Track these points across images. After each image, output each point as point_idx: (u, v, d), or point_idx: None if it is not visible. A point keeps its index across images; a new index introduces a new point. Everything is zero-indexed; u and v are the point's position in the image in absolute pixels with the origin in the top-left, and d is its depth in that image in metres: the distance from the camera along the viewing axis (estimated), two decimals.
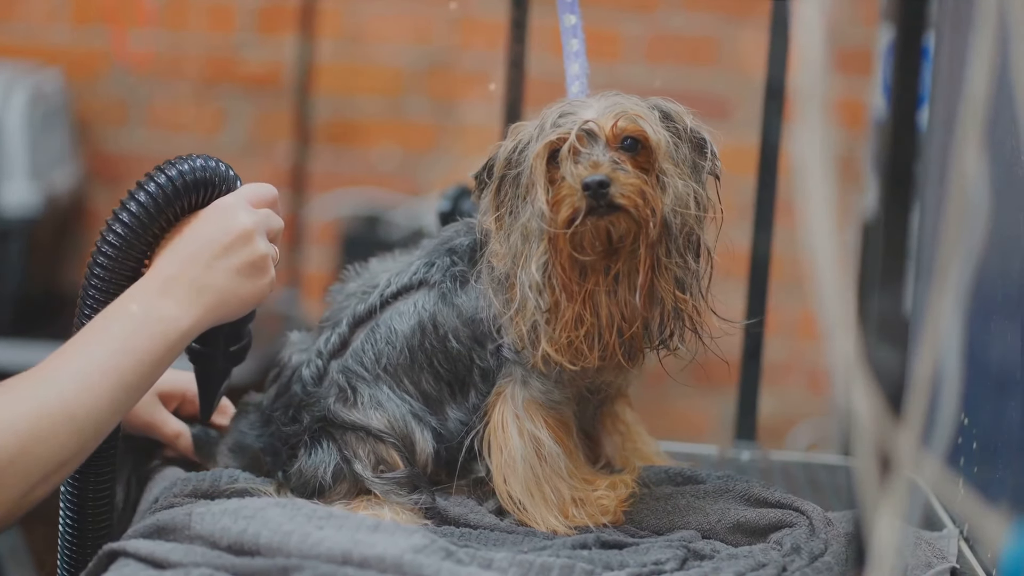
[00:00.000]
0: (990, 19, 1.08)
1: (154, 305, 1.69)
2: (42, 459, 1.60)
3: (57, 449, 1.61)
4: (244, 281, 1.75)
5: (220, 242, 1.73)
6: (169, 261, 1.72)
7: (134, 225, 1.72)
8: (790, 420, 4.60)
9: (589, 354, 1.76)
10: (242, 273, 1.75)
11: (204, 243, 1.73)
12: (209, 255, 1.73)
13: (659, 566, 1.70)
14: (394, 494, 1.85)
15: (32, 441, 1.59)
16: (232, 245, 1.74)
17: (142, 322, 1.68)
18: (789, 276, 3.98)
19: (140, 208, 1.72)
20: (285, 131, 4.87)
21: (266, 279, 1.78)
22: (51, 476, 1.62)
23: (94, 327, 1.68)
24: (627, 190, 1.71)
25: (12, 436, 1.58)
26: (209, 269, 1.72)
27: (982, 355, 1.92)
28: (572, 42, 1.91)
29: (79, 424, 1.62)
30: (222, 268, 1.73)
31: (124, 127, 4.93)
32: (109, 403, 1.65)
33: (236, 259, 1.74)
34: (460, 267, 1.88)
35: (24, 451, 1.58)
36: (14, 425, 1.58)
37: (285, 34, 4.85)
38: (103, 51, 4.87)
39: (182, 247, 1.73)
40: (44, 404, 1.61)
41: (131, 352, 1.66)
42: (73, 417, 1.61)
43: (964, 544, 1.90)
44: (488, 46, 4.67)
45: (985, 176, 1.08)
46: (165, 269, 1.72)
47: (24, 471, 1.59)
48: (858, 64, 4.27)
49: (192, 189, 1.74)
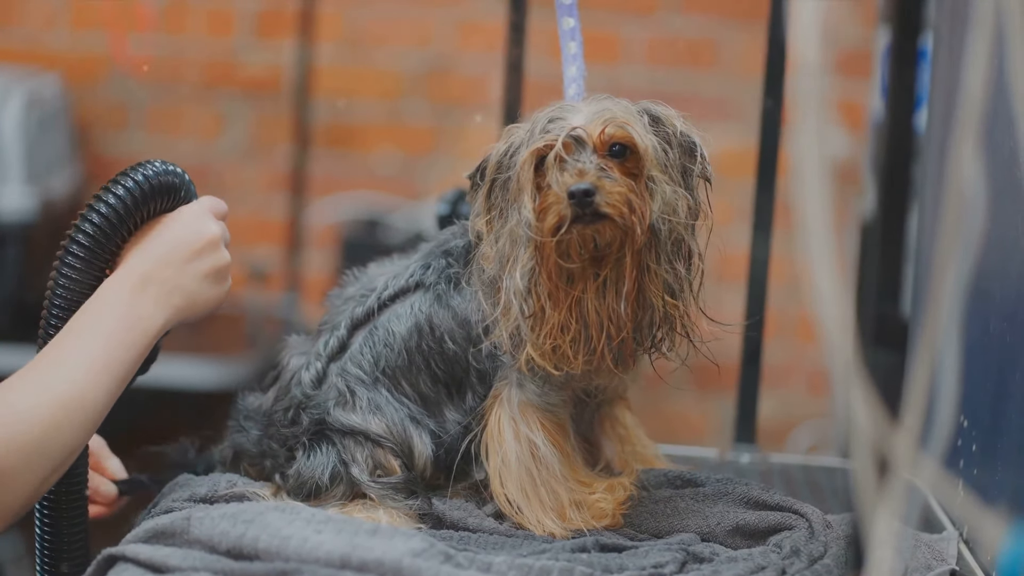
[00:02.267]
0: (987, 21, 1.08)
1: (134, 302, 1.74)
2: (61, 446, 1.65)
3: (72, 436, 1.66)
4: (210, 286, 1.82)
5: (191, 246, 1.79)
6: (142, 260, 1.77)
7: (103, 226, 1.75)
8: (789, 423, 4.60)
9: (574, 360, 1.76)
10: (209, 278, 1.81)
11: (176, 246, 1.78)
12: (181, 258, 1.78)
13: (658, 569, 1.70)
14: (390, 498, 1.85)
15: (53, 428, 1.64)
16: (202, 250, 1.80)
17: (126, 317, 1.73)
18: (788, 278, 3.98)
19: (109, 209, 1.75)
20: (284, 135, 4.87)
21: (227, 285, 1.85)
22: (65, 463, 1.68)
23: (83, 321, 1.72)
24: (613, 199, 1.71)
25: (37, 424, 1.63)
26: (180, 271, 1.78)
27: (981, 357, 1.91)
28: (570, 45, 1.90)
29: (88, 413, 1.68)
30: (192, 271, 1.79)
31: (124, 131, 4.94)
32: (106, 393, 1.70)
33: (204, 264, 1.80)
34: (455, 269, 1.88)
35: (47, 437, 1.64)
36: (37, 413, 1.63)
37: (284, 38, 4.85)
38: (102, 55, 4.87)
39: (154, 248, 1.78)
40: (60, 393, 1.66)
41: (122, 345, 1.72)
42: (84, 406, 1.67)
43: (964, 546, 1.90)
44: (487, 49, 4.67)
45: (983, 178, 1.08)
46: (139, 267, 1.76)
47: (48, 457, 1.64)
48: (856, 66, 4.27)
49: (158, 194, 1.78)
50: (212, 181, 4.91)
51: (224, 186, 4.90)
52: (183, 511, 1.72)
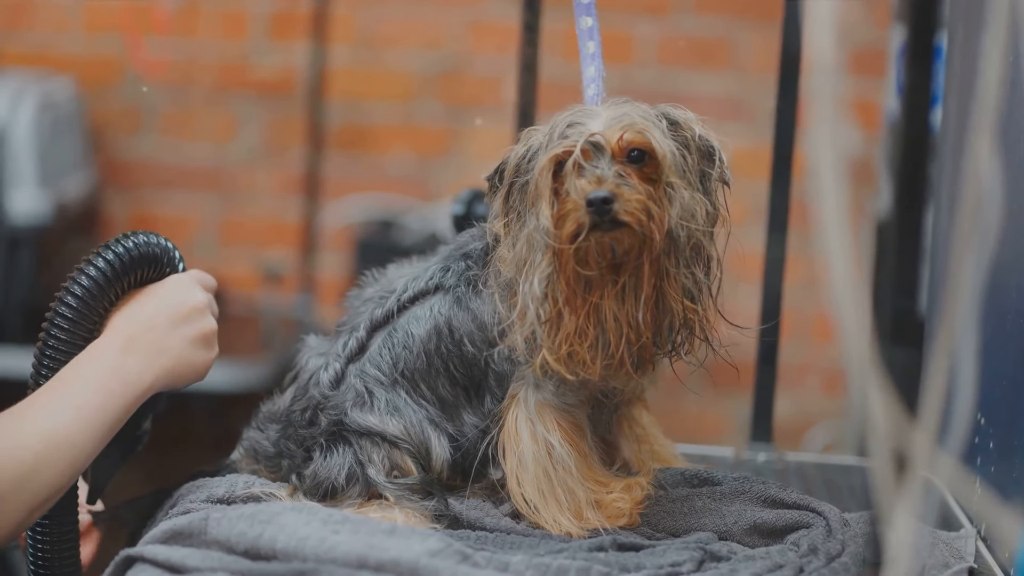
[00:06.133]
0: (1002, 19, 1.08)
1: (122, 359, 1.77)
2: (48, 481, 1.68)
3: (58, 474, 1.69)
4: (197, 350, 1.85)
5: (178, 311, 1.83)
6: (129, 322, 1.81)
7: (92, 289, 1.78)
8: (806, 421, 4.60)
9: (592, 365, 1.76)
10: (195, 343, 1.85)
11: (163, 309, 1.83)
12: (167, 321, 1.82)
13: (676, 568, 1.70)
14: (406, 499, 1.85)
15: (42, 462, 1.67)
16: (189, 315, 1.84)
17: (115, 371, 1.76)
18: (804, 277, 3.98)
19: (98, 273, 1.79)
20: (298, 137, 4.87)
21: (213, 352, 1.88)
22: (49, 499, 1.70)
23: (74, 371, 1.76)
24: (631, 206, 1.71)
25: (29, 455, 1.66)
26: (167, 335, 1.82)
27: (998, 354, 1.91)
28: (588, 45, 1.89)
29: (76, 453, 1.71)
30: (179, 335, 1.83)
31: (137, 134, 4.94)
32: (93, 438, 1.73)
33: (191, 329, 1.84)
34: (475, 271, 1.88)
35: (35, 471, 1.66)
36: (28, 445, 1.67)
37: (297, 40, 4.86)
38: (116, 59, 4.88)
39: (141, 311, 1.82)
40: (50, 431, 1.69)
41: (111, 395, 1.75)
42: (73, 445, 1.70)
43: (981, 544, 1.89)
44: (500, 50, 4.67)
45: (998, 175, 1.08)
46: (126, 329, 1.80)
47: (35, 490, 1.67)
48: (871, 65, 4.27)
49: (141, 263, 1.82)
50: (226, 184, 4.92)
51: (238, 188, 4.91)
52: (200, 512, 1.73)
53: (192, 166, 4.94)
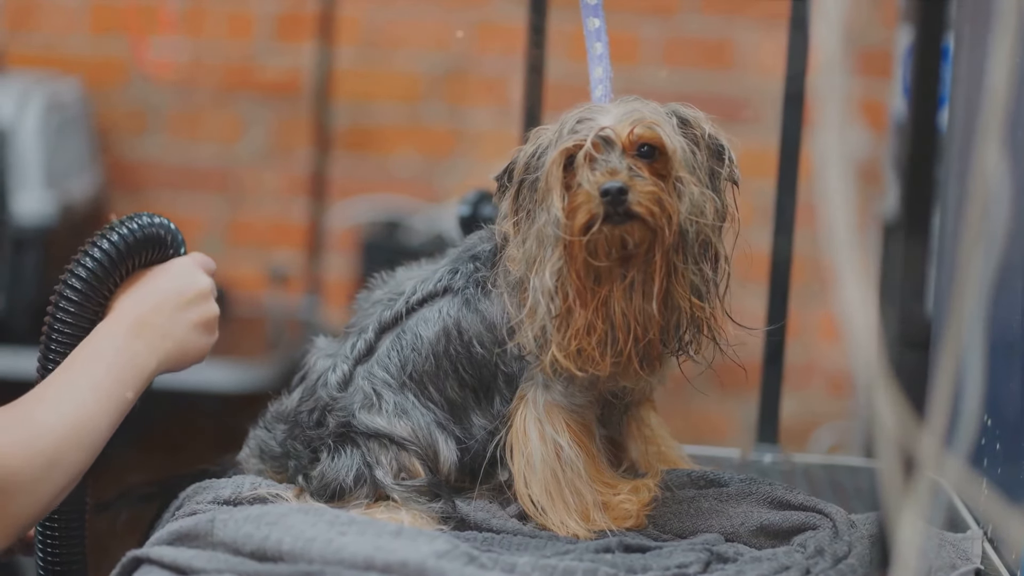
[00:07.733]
0: (1010, 19, 1.08)
1: (129, 342, 1.77)
2: (72, 463, 1.68)
3: (81, 456, 1.69)
4: (199, 336, 1.85)
5: (183, 296, 1.83)
6: (135, 305, 1.80)
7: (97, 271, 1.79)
8: (812, 423, 4.59)
9: (601, 361, 1.76)
10: (198, 328, 1.85)
11: (168, 294, 1.82)
12: (173, 306, 1.82)
13: (682, 569, 1.70)
14: (414, 501, 1.86)
15: (66, 446, 1.67)
16: (194, 300, 1.84)
17: (123, 352, 1.76)
18: (810, 279, 3.98)
19: (103, 255, 1.79)
20: (304, 138, 4.87)
21: (214, 337, 1.89)
22: (72, 482, 1.70)
23: (84, 354, 1.75)
24: (644, 198, 1.71)
25: (53, 439, 1.66)
26: (171, 319, 1.82)
27: (1005, 355, 1.91)
28: (596, 46, 1.90)
29: (95, 435, 1.71)
30: (183, 320, 1.83)
31: (144, 135, 4.94)
32: (108, 421, 1.73)
33: (194, 314, 1.84)
34: (483, 273, 1.88)
35: (60, 453, 1.66)
36: (54, 429, 1.67)
37: (303, 41, 4.86)
38: (122, 60, 4.88)
39: (146, 295, 1.82)
40: (71, 412, 1.69)
41: (120, 380, 1.75)
42: (91, 428, 1.70)
43: (988, 545, 1.89)
44: (506, 51, 4.67)
45: (1006, 176, 1.08)
46: (132, 312, 1.80)
47: (61, 472, 1.67)
48: (878, 66, 4.27)
49: (146, 245, 1.82)
50: (232, 185, 4.92)
51: (244, 189, 4.91)
52: (207, 513, 1.73)
53: (198, 167, 4.94)
